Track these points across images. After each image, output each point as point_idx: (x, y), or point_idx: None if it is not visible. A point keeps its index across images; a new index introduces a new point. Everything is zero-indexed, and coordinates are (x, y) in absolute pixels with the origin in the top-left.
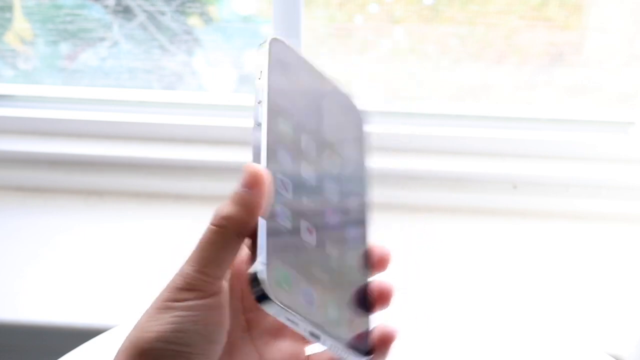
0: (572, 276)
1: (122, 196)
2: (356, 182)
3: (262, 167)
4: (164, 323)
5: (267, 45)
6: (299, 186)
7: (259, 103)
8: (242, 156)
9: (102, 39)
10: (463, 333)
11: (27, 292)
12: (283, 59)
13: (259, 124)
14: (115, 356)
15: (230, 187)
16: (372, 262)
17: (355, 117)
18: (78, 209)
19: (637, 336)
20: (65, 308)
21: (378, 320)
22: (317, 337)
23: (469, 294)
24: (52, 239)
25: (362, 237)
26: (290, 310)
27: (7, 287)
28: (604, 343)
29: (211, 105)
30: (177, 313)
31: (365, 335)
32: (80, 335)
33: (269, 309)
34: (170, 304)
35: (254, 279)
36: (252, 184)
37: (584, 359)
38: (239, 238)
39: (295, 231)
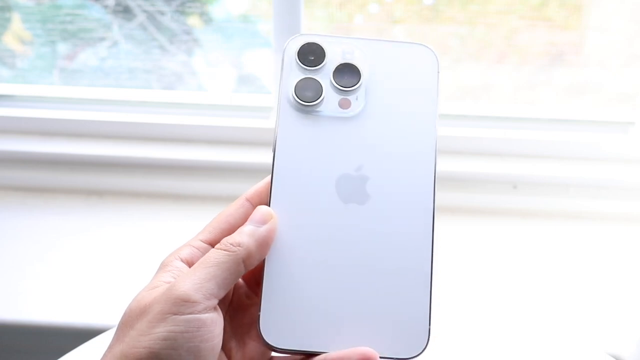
0: (572, 276)
1: (122, 196)
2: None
3: (271, 209)
4: (157, 339)
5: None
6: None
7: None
8: (242, 156)
9: (101, 39)
10: (463, 333)
11: (28, 292)
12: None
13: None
14: None
15: (230, 187)
16: None
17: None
18: (78, 209)
19: (637, 336)
20: (65, 308)
21: None
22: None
23: (468, 294)
24: (52, 239)
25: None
26: (294, 350)
27: (7, 287)
28: (604, 343)
29: (211, 105)
30: (171, 328)
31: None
32: (80, 335)
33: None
34: (165, 316)
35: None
36: (263, 221)
37: (584, 359)
38: (244, 267)
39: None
